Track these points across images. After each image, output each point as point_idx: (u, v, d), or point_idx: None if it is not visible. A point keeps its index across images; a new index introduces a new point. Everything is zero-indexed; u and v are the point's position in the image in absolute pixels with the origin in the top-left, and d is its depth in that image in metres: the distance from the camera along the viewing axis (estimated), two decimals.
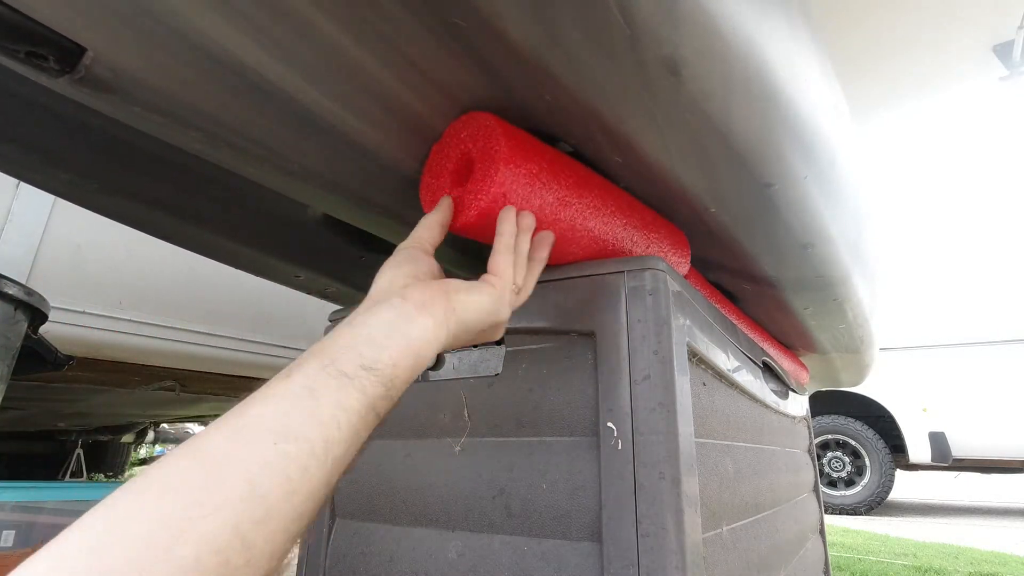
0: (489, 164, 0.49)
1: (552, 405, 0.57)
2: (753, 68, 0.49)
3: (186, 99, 0.46)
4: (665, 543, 0.47)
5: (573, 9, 0.38)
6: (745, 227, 0.72)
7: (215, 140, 0.51)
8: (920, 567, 2.56)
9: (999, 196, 6.92)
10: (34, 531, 1.75)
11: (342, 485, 0.70)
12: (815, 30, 0.66)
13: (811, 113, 0.62)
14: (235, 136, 0.51)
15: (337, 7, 0.40)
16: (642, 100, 0.47)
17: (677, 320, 0.55)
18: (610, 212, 0.60)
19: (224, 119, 0.49)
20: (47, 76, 0.41)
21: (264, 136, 0.52)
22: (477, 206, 0.49)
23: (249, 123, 0.50)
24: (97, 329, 1.43)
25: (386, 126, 0.52)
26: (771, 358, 1.02)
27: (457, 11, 0.40)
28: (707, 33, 0.43)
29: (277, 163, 0.56)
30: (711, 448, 0.63)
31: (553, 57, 0.43)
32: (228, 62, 0.42)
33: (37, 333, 0.90)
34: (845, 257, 0.87)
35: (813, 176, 0.66)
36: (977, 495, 6.26)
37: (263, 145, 0.53)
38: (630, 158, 0.57)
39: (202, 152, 0.55)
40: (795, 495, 1.08)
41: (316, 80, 0.46)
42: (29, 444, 3.64)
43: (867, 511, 4.34)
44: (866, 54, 1.93)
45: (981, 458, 4.18)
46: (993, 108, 4.38)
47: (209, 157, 0.56)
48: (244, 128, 0.50)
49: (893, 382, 4.39)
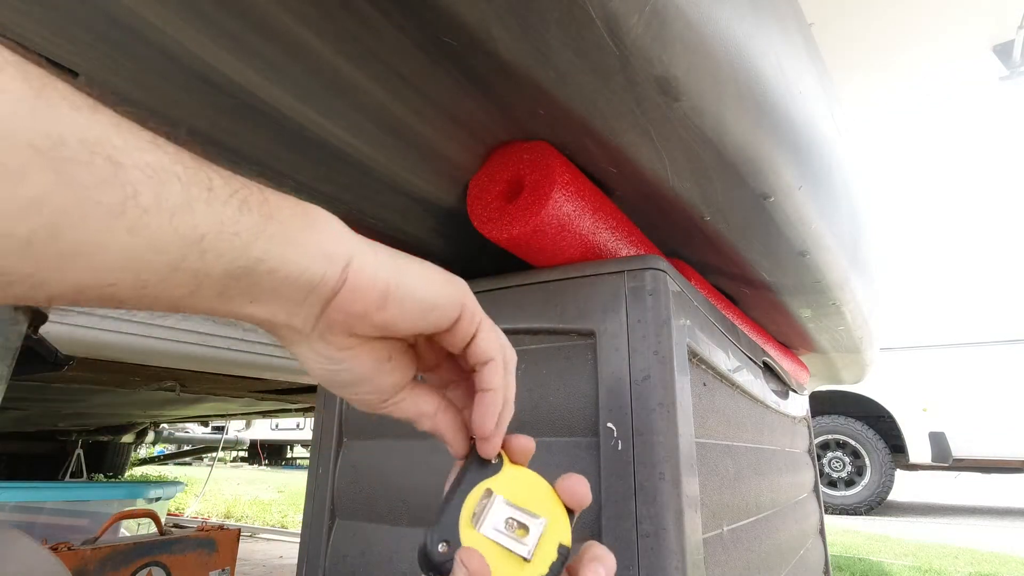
0: (541, 188, 0.54)
1: (552, 405, 0.57)
2: (746, 84, 0.49)
3: (178, 119, 0.46)
4: (665, 543, 0.47)
5: (561, 31, 0.38)
6: (741, 235, 0.72)
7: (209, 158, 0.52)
8: (920, 567, 2.57)
9: (999, 196, 6.93)
10: (34, 531, 1.75)
11: (342, 485, 0.70)
12: (809, 38, 0.67)
13: (806, 124, 0.62)
14: (228, 154, 0.52)
15: (327, 28, 0.40)
16: (635, 117, 0.48)
17: (677, 320, 0.55)
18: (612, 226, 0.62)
19: (217, 138, 0.49)
20: None
21: (258, 153, 0.52)
22: (526, 223, 0.54)
23: (242, 141, 0.50)
24: (97, 329, 1.42)
25: (382, 143, 0.53)
26: (771, 358, 1.02)
27: (448, 31, 0.40)
28: (698, 52, 0.43)
29: (271, 179, 0.56)
30: (711, 448, 0.63)
31: (545, 75, 0.43)
32: (219, 82, 0.42)
33: (37, 333, 0.90)
34: (842, 262, 0.87)
35: (808, 185, 0.66)
36: (977, 495, 6.26)
37: (257, 162, 0.53)
38: (625, 170, 0.57)
39: None
40: (795, 495, 1.08)
41: (309, 98, 0.46)
42: (29, 444, 3.64)
43: (867, 511, 4.34)
44: (865, 54, 1.93)
45: (981, 458, 4.18)
46: (993, 108, 4.39)
47: None
48: (237, 146, 0.51)
49: (893, 382, 4.39)
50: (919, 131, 24.98)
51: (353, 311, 0.27)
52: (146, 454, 6.87)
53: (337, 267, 0.26)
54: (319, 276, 0.26)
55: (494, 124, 0.53)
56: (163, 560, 1.36)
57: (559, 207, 0.53)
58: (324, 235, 0.27)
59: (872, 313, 1.21)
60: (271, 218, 0.25)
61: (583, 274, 0.59)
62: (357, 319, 0.28)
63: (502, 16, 0.38)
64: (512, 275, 0.63)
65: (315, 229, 0.26)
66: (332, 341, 0.29)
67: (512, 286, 0.62)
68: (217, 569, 1.50)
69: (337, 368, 0.30)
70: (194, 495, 4.62)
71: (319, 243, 0.26)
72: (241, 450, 11.21)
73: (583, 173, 0.59)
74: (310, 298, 0.27)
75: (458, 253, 0.76)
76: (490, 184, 0.57)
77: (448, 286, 0.30)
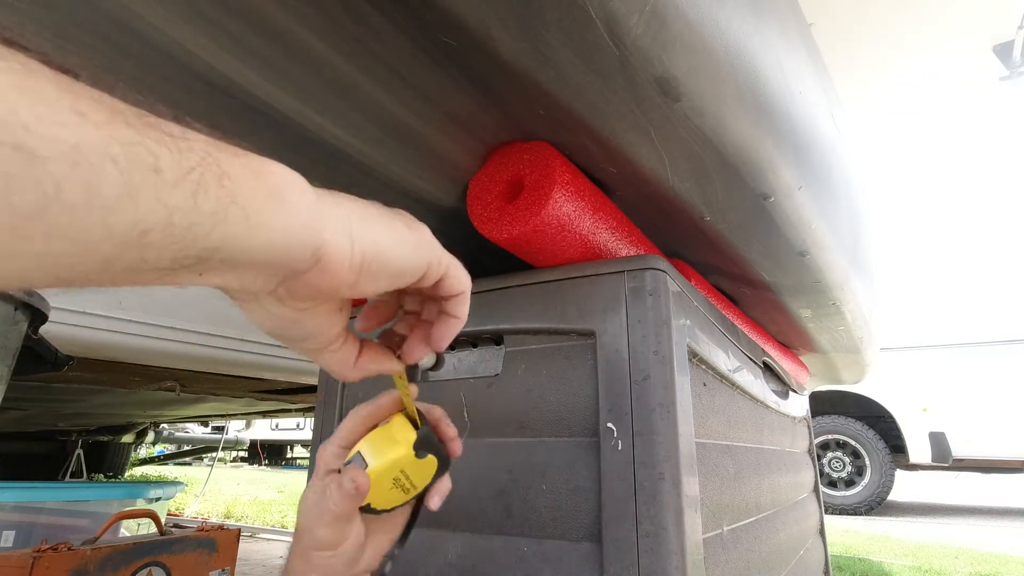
0: (542, 188, 0.54)
1: (552, 405, 0.57)
2: (745, 84, 0.49)
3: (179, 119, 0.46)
4: (665, 543, 0.47)
5: (561, 31, 0.38)
6: (741, 235, 0.72)
7: None
8: (920, 567, 2.57)
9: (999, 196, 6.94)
10: (34, 531, 1.75)
11: None
12: (809, 38, 0.67)
13: (806, 124, 0.62)
14: None
15: (327, 28, 0.40)
16: (635, 117, 0.48)
17: (677, 320, 0.55)
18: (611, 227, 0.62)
19: (217, 138, 0.49)
20: None
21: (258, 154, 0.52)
22: (526, 223, 0.53)
23: (242, 141, 0.50)
24: (97, 329, 1.42)
25: (382, 143, 0.53)
26: (771, 358, 1.02)
27: (448, 31, 0.40)
28: (698, 52, 0.43)
29: None
30: (711, 448, 0.63)
31: (545, 75, 0.43)
32: (219, 83, 0.42)
33: (37, 333, 0.90)
34: (842, 262, 0.87)
35: (808, 185, 0.66)
36: (977, 495, 6.26)
37: None
38: (625, 170, 0.57)
39: None
40: (795, 495, 1.08)
41: (309, 98, 0.46)
42: (29, 444, 3.64)
43: (867, 511, 4.34)
44: (865, 54, 1.93)
45: (981, 458, 4.18)
46: (993, 108, 4.40)
47: None
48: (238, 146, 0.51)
49: (893, 382, 4.39)
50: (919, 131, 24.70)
51: (322, 287, 0.26)
52: (146, 454, 6.87)
53: (307, 251, 0.24)
54: (285, 261, 0.23)
55: (494, 124, 0.53)
56: (163, 560, 1.36)
57: (559, 207, 0.53)
58: (292, 214, 0.23)
59: (872, 313, 1.20)
60: (232, 201, 0.20)
61: (583, 274, 0.59)
62: (324, 292, 0.26)
63: (502, 16, 0.38)
64: (512, 275, 0.63)
65: (282, 207, 0.23)
66: (289, 304, 0.27)
67: (512, 286, 0.62)
68: (217, 569, 1.50)
69: (290, 325, 0.28)
70: (194, 495, 4.62)
71: (286, 226, 0.23)
72: (241, 450, 11.20)
73: (583, 173, 0.59)
74: (272, 276, 0.24)
75: (458, 253, 0.76)
76: (490, 184, 0.57)
77: (418, 250, 0.29)
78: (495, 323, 0.62)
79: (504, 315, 0.62)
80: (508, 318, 0.61)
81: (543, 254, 0.59)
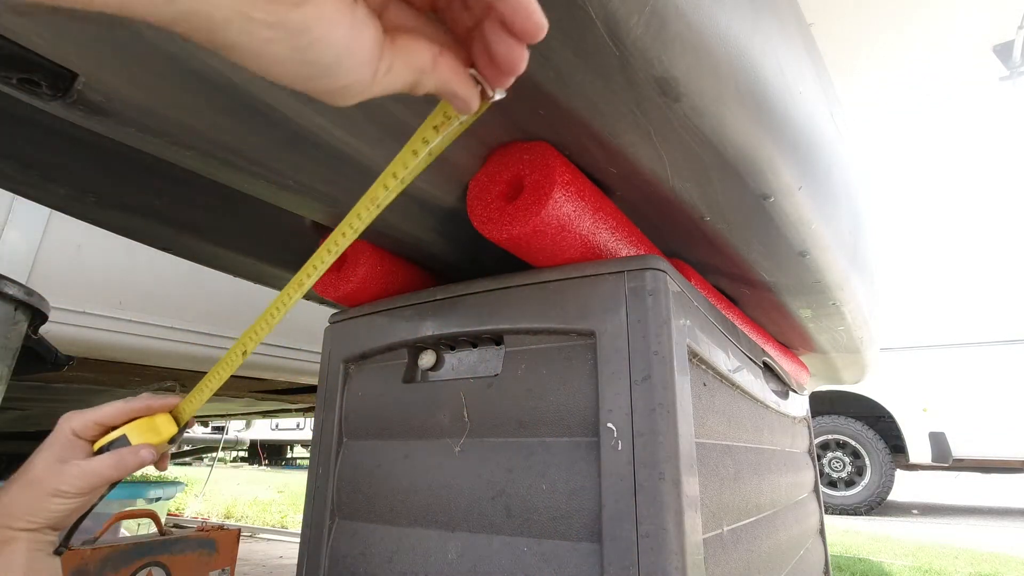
0: (541, 188, 0.54)
1: (552, 405, 0.57)
2: (746, 85, 0.49)
3: (178, 119, 0.46)
4: (665, 543, 0.47)
5: (561, 31, 0.38)
6: (741, 235, 0.72)
7: (209, 158, 0.52)
8: (920, 567, 2.57)
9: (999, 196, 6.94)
10: None
11: (342, 485, 0.70)
12: (809, 38, 0.66)
13: (806, 124, 0.62)
14: (229, 154, 0.51)
15: None
16: (635, 117, 0.48)
17: (677, 320, 0.55)
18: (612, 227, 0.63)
19: (218, 138, 0.49)
20: (40, 100, 0.41)
21: (258, 153, 0.52)
22: (526, 223, 0.54)
23: (243, 141, 0.50)
24: (97, 329, 1.43)
25: (380, 142, 0.52)
26: (771, 358, 1.02)
27: None
28: (698, 52, 0.43)
29: (272, 179, 0.56)
30: (711, 448, 0.63)
31: (545, 75, 0.43)
32: (219, 83, 0.42)
33: (37, 333, 0.90)
34: (842, 262, 0.87)
35: (808, 185, 0.66)
36: (977, 495, 6.26)
37: (257, 162, 0.53)
38: (625, 170, 0.57)
39: (197, 168, 0.55)
40: (795, 495, 1.08)
41: (308, 99, 0.46)
42: (29, 444, 3.64)
43: (867, 511, 4.34)
44: (866, 54, 1.93)
45: (981, 458, 4.18)
46: (993, 108, 4.40)
47: (204, 173, 0.56)
48: (238, 146, 0.51)
49: (893, 382, 4.39)
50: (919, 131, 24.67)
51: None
52: None
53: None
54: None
55: (494, 124, 0.53)
56: (163, 560, 1.36)
57: (559, 207, 0.53)
58: None
59: (872, 313, 1.21)
60: None
61: (583, 274, 0.59)
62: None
63: None
64: (512, 275, 0.63)
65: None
66: None
67: (512, 286, 0.62)
68: (217, 569, 1.50)
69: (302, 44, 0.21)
70: (194, 495, 4.62)
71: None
72: (241, 450, 11.21)
73: (583, 173, 0.59)
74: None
75: (458, 253, 0.76)
76: (490, 184, 0.57)
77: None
78: (495, 323, 0.62)
79: (504, 315, 0.62)
80: (508, 318, 0.61)
81: (543, 254, 0.59)
